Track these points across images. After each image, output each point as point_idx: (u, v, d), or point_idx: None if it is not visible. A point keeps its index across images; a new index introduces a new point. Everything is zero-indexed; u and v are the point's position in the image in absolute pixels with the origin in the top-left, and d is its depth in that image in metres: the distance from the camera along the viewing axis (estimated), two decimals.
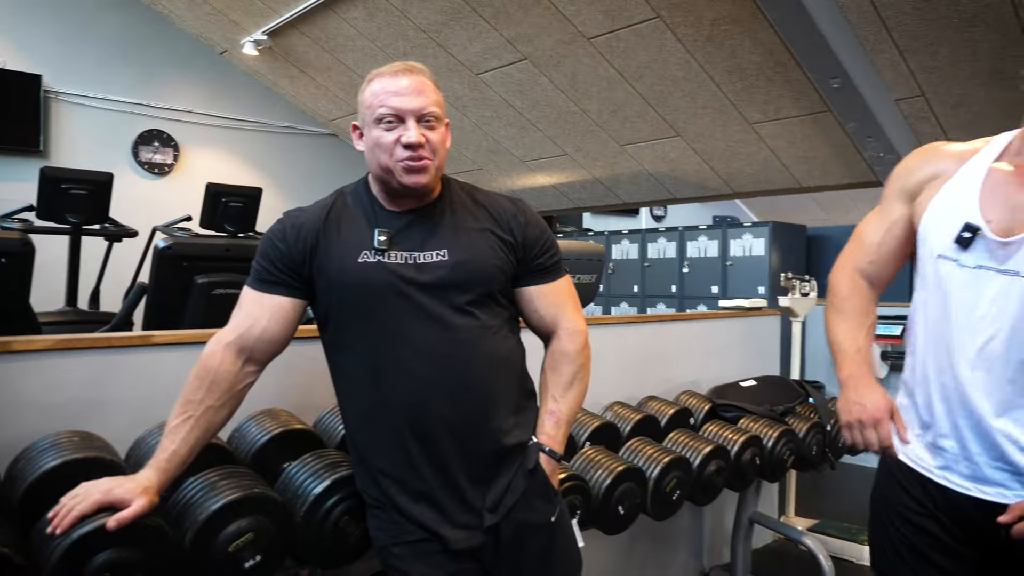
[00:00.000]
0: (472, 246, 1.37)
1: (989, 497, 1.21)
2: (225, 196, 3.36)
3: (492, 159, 6.58)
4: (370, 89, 1.34)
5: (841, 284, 1.44)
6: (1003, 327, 1.19)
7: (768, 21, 3.67)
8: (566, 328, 1.49)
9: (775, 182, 5.44)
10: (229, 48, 6.14)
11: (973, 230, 1.20)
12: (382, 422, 1.33)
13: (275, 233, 1.37)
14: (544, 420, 1.47)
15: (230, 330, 1.34)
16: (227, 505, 1.30)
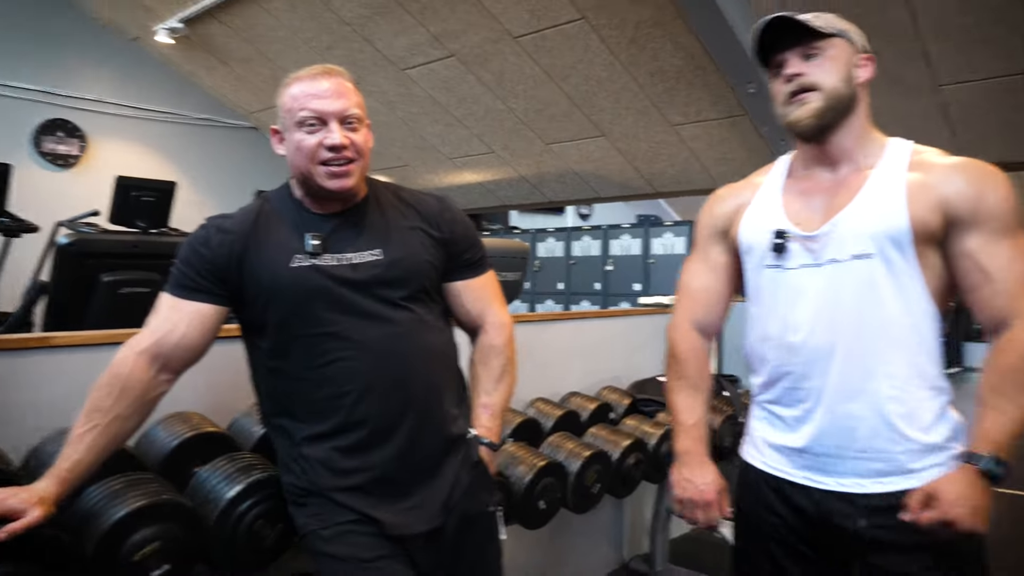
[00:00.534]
0: (405, 243, 1.38)
1: (846, 488, 1.25)
2: (136, 190, 3.21)
3: (419, 156, 6.54)
4: (289, 93, 1.32)
5: (680, 346, 1.48)
6: (837, 316, 1.25)
7: (689, 26, 3.77)
8: (493, 322, 1.52)
9: (695, 182, 5.59)
10: (141, 35, 5.90)
11: (782, 235, 1.30)
12: (325, 418, 1.32)
13: (198, 239, 1.33)
14: (480, 413, 1.49)
15: (145, 336, 1.29)
16: (132, 513, 1.25)
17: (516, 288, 3.17)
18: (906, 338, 1.23)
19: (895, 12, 3.40)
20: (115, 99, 6.08)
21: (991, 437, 1.15)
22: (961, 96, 3.81)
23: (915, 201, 1.21)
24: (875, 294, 1.23)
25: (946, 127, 4.01)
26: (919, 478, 1.21)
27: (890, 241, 1.21)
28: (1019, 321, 1.17)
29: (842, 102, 1.26)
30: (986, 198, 1.19)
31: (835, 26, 1.27)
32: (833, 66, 1.25)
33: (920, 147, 1.29)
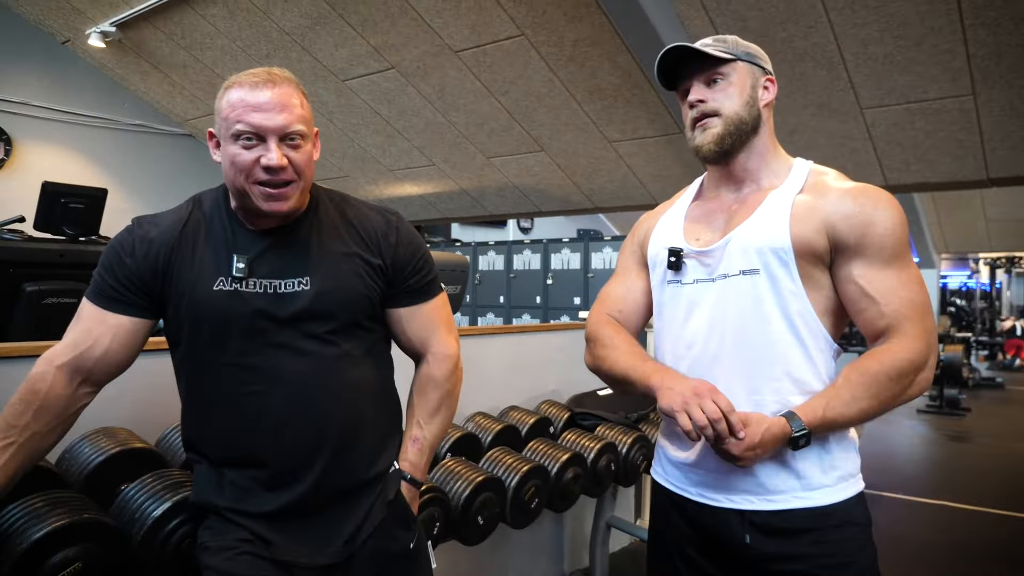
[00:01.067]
0: (336, 273, 1.29)
1: (736, 505, 1.27)
2: (64, 196, 3.10)
3: (359, 167, 6.49)
4: (227, 99, 1.20)
5: (602, 329, 1.45)
6: (725, 330, 1.27)
7: (625, 45, 3.85)
8: (435, 352, 1.44)
9: (633, 198, 5.70)
10: (72, 38, 5.71)
11: (676, 252, 1.35)
12: (238, 447, 1.26)
13: (122, 246, 1.25)
14: (408, 446, 1.43)
15: (65, 349, 1.21)
16: (52, 533, 1.20)
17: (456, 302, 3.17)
18: (790, 354, 1.24)
19: (819, 37, 3.55)
20: (43, 102, 5.87)
21: (816, 413, 1.19)
22: (883, 120, 3.99)
23: (799, 221, 1.24)
24: (760, 309, 1.25)
25: (873, 149, 4.19)
26: (809, 498, 1.23)
27: (774, 257, 1.24)
28: (896, 339, 1.20)
29: (744, 126, 1.29)
30: (875, 226, 1.21)
31: (737, 50, 1.30)
32: (735, 91, 1.29)
33: (821, 168, 1.33)
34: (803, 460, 1.24)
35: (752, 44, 1.35)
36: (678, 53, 1.29)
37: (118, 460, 1.52)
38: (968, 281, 15.10)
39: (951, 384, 7.97)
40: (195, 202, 1.32)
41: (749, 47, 1.33)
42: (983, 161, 4.07)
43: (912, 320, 1.20)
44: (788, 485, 1.24)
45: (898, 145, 4.14)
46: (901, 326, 1.20)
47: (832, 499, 1.23)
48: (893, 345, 1.20)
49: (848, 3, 3.34)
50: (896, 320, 1.20)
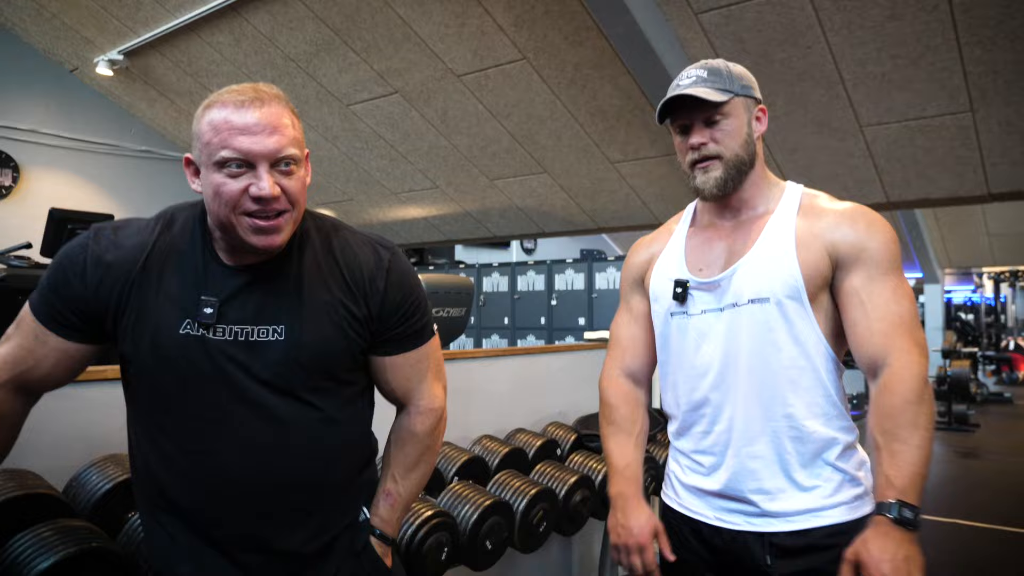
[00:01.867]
0: (316, 323, 1.13)
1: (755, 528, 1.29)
2: (71, 223, 3.12)
3: (363, 190, 6.54)
4: (208, 120, 1.04)
5: (608, 393, 1.54)
6: (739, 359, 1.30)
7: (626, 68, 3.89)
8: (417, 405, 1.31)
9: (636, 218, 5.72)
10: (81, 66, 5.79)
11: (682, 284, 1.37)
12: (187, 510, 1.13)
13: (73, 264, 1.09)
14: (380, 501, 1.29)
15: (4, 366, 1.10)
16: (60, 562, 1.21)
17: (461, 324, 3.18)
18: (803, 379, 1.28)
19: (818, 57, 3.59)
20: (51, 129, 5.94)
21: (894, 483, 1.14)
22: (883, 137, 4.02)
23: (804, 247, 1.28)
24: (772, 336, 1.28)
25: (873, 167, 4.22)
26: (826, 516, 1.25)
27: (783, 286, 1.27)
28: (895, 359, 1.21)
29: (743, 166, 1.32)
30: (869, 243, 1.26)
31: (733, 84, 1.31)
32: (734, 131, 1.30)
33: (811, 191, 1.37)
34: (819, 480, 1.27)
35: (740, 67, 1.36)
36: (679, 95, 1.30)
37: (126, 487, 1.52)
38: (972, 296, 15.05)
39: (959, 400, 7.91)
40: (165, 222, 1.15)
41: (742, 75, 1.34)
42: (983, 176, 4.09)
43: (903, 335, 1.22)
44: (806, 505, 1.26)
45: (898, 162, 4.16)
46: (895, 344, 1.22)
47: (850, 516, 1.25)
48: (896, 369, 1.20)
49: (845, 24, 3.37)
50: (890, 339, 1.22)
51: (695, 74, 1.32)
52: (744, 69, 1.36)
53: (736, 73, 1.33)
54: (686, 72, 1.35)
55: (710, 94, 1.28)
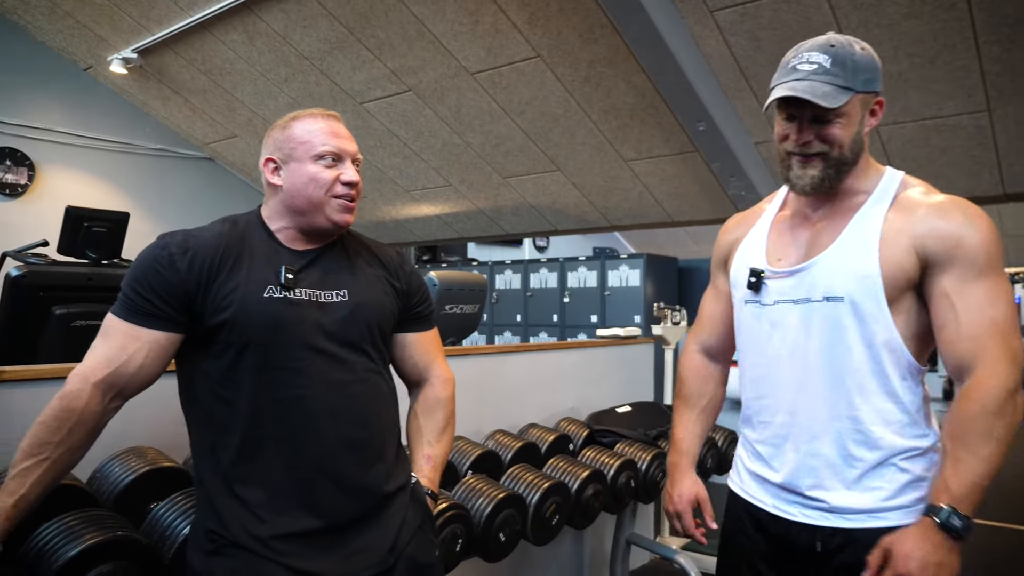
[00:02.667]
0: (370, 289, 1.40)
1: (811, 520, 1.30)
2: (88, 220, 3.16)
3: (376, 188, 6.56)
4: (302, 127, 1.35)
5: (682, 367, 1.62)
6: (808, 356, 1.29)
7: (640, 66, 3.89)
8: (439, 375, 1.55)
9: (649, 216, 5.71)
10: (95, 64, 5.83)
11: (757, 274, 1.35)
12: (273, 454, 1.26)
13: (160, 259, 1.25)
14: (422, 464, 1.49)
15: (99, 366, 1.22)
16: (87, 550, 1.23)
17: (475, 321, 3.19)
18: (872, 384, 1.24)
19: None
20: (66, 128, 5.98)
21: (951, 489, 1.13)
22: (898, 136, 4.00)
23: (888, 244, 1.21)
24: (842, 336, 1.24)
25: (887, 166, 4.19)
26: (883, 518, 1.24)
27: (860, 285, 1.22)
28: (982, 366, 1.15)
29: (845, 166, 1.26)
30: (964, 241, 1.18)
31: (856, 80, 1.21)
32: (844, 131, 1.22)
33: (910, 180, 1.30)
34: (882, 482, 1.25)
35: (866, 50, 1.24)
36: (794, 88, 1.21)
37: (148, 479, 1.54)
38: None
39: None
40: (230, 223, 1.37)
41: (867, 65, 1.23)
42: (999, 177, 4.06)
43: (994, 340, 1.16)
44: (864, 505, 1.25)
45: (914, 161, 4.14)
46: (986, 350, 1.16)
47: (907, 520, 1.21)
48: (981, 377, 1.16)
49: (862, 22, 3.36)
50: (980, 343, 1.16)
51: (817, 61, 1.21)
52: (870, 52, 1.25)
53: (862, 63, 1.22)
54: (808, 53, 1.23)
55: (828, 96, 1.19)
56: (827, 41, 1.23)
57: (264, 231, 1.36)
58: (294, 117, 1.37)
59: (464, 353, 2.70)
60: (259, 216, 1.39)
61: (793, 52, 1.26)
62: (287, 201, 1.35)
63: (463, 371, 2.64)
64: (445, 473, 2.16)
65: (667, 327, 3.77)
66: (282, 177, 1.34)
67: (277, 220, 1.37)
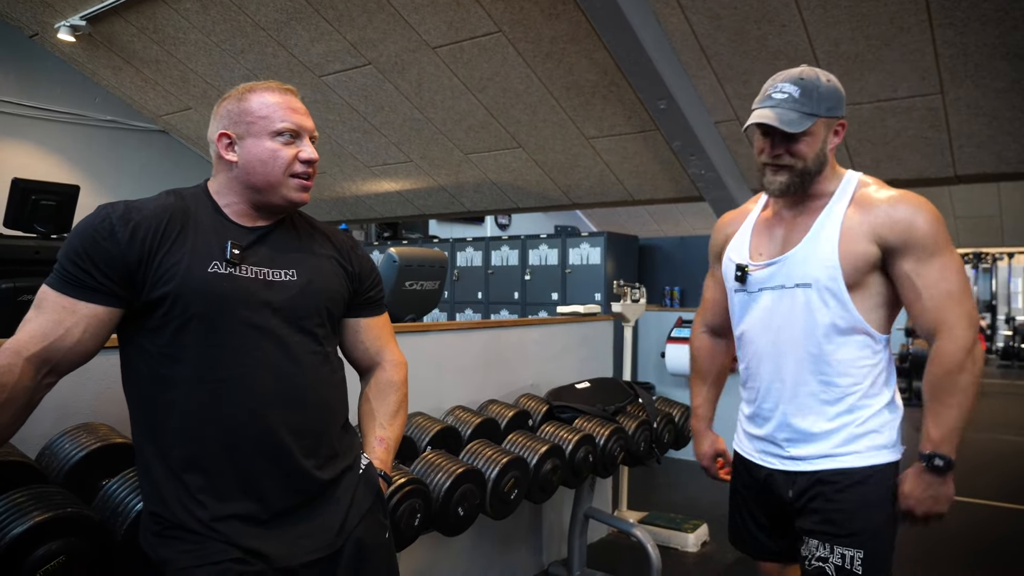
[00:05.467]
0: (319, 269, 1.36)
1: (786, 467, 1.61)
2: (36, 193, 3.06)
3: (336, 163, 6.47)
4: (259, 100, 1.30)
5: (693, 347, 1.95)
6: (782, 330, 1.58)
7: (602, 42, 3.88)
8: (391, 360, 1.55)
9: (610, 194, 5.74)
10: (41, 31, 5.62)
11: (742, 268, 1.64)
12: (212, 436, 1.23)
13: (99, 230, 1.19)
14: (375, 445, 1.49)
15: (32, 340, 1.15)
16: (34, 527, 1.20)
17: (435, 298, 3.18)
18: (837, 353, 1.52)
19: (793, 36, 3.61)
20: (11, 98, 5.77)
21: (932, 438, 1.46)
22: (855, 117, 4.06)
23: (847, 239, 1.48)
24: (812, 315, 1.53)
25: (844, 147, 4.27)
26: (838, 461, 1.53)
27: (823, 274, 1.50)
28: (942, 332, 1.44)
29: (809, 176, 1.52)
30: (915, 228, 1.45)
31: (819, 107, 1.47)
32: (809, 149, 1.49)
33: (866, 180, 1.56)
34: (838, 433, 1.54)
35: (833, 85, 1.51)
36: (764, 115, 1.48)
37: (99, 455, 1.51)
38: None
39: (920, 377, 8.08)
40: (175, 195, 1.31)
41: (832, 97, 1.49)
42: (951, 159, 4.16)
43: (950, 308, 1.44)
44: (822, 451, 1.54)
45: (868, 142, 4.22)
46: (944, 318, 1.44)
47: (860, 463, 1.52)
48: (942, 343, 1.44)
49: (821, 2, 3.40)
50: (939, 313, 1.44)
51: (788, 91, 1.48)
52: (835, 84, 1.52)
53: (826, 93, 1.49)
54: (780, 85, 1.50)
55: (794, 123, 1.46)
56: (799, 74, 1.51)
57: (211, 205, 1.32)
58: (249, 89, 1.32)
59: (424, 329, 2.69)
60: (206, 190, 1.34)
61: (771, 81, 1.54)
62: (241, 177, 1.30)
63: (423, 347, 2.64)
64: (404, 448, 2.17)
65: (627, 304, 3.81)
66: (237, 153, 1.30)
67: (227, 195, 1.33)
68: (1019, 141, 3.90)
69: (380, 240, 8.68)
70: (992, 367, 12.64)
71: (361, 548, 1.35)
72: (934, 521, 1.50)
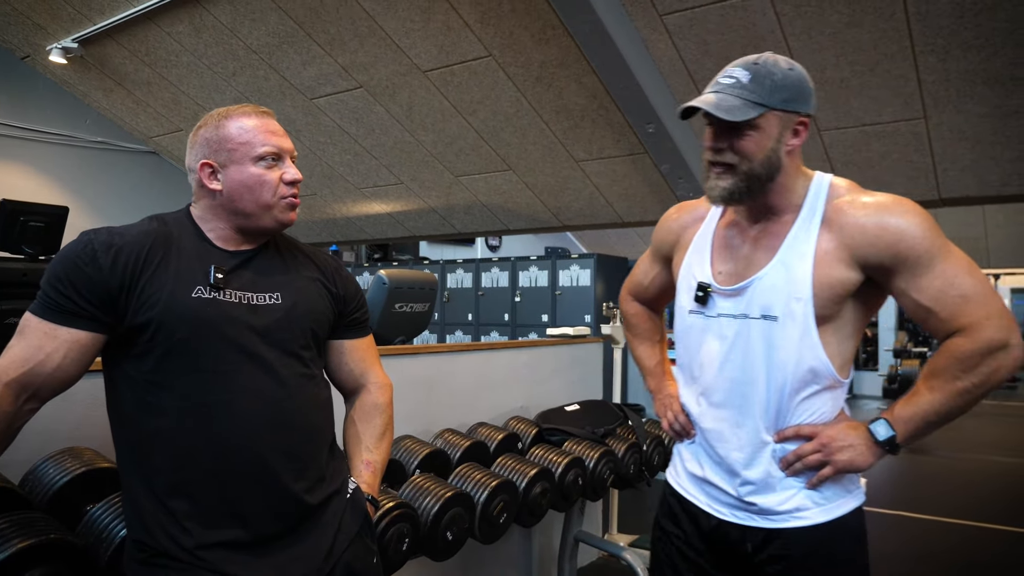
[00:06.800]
0: (304, 292, 1.36)
1: (738, 520, 1.38)
2: (24, 215, 3.06)
3: (327, 185, 6.48)
4: (237, 126, 1.28)
5: (628, 309, 1.76)
6: (742, 365, 1.34)
7: (591, 67, 3.93)
8: (376, 382, 1.53)
9: (600, 216, 5.77)
10: (32, 54, 5.64)
11: (704, 288, 1.39)
12: (199, 462, 1.21)
13: (81, 256, 1.18)
14: (361, 469, 1.47)
15: (12, 366, 1.15)
16: (17, 553, 1.19)
17: (425, 320, 3.19)
18: (796, 396, 1.31)
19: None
20: (2, 119, 5.77)
21: (894, 411, 1.27)
22: (840, 141, 4.12)
23: (822, 267, 1.25)
24: (773, 353, 1.30)
25: (830, 170, 4.31)
26: (803, 517, 1.32)
27: (793, 307, 1.27)
28: (959, 333, 1.20)
29: (759, 179, 1.27)
30: (903, 239, 1.21)
31: (772, 97, 1.23)
32: (756, 146, 1.24)
33: (837, 185, 1.32)
34: (795, 486, 1.33)
35: (797, 77, 1.27)
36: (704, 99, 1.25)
37: (84, 480, 1.50)
38: None
39: None
40: (158, 220, 1.31)
41: (791, 88, 1.25)
42: (935, 182, 4.22)
43: (969, 312, 1.20)
44: (785, 507, 1.33)
45: (854, 166, 4.27)
46: (964, 323, 1.20)
47: (825, 518, 1.31)
48: (957, 339, 1.21)
49: (805, 29, 3.45)
50: (958, 321, 1.20)
51: (736, 76, 1.25)
52: (800, 74, 1.28)
53: (783, 82, 1.25)
54: (731, 68, 1.28)
55: (734, 110, 1.22)
56: (755, 59, 1.27)
57: (194, 230, 1.31)
58: (225, 115, 1.30)
59: (414, 352, 2.69)
60: (188, 215, 1.33)
61: (724, 69, 1.31)
62: (227, 204, 1.29)
63: (412, 370, 2.63)
64: (393, 472, 2.16)
65: (616, 326, 3.82)
66: (221, 181, 1.28)
67: (211, 221, 1.32)
68: (1001, 165, 3.96)
69: (370, 262, 8.68)
70: None
71: (350, 573, 1.34)
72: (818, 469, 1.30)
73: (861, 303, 1.30)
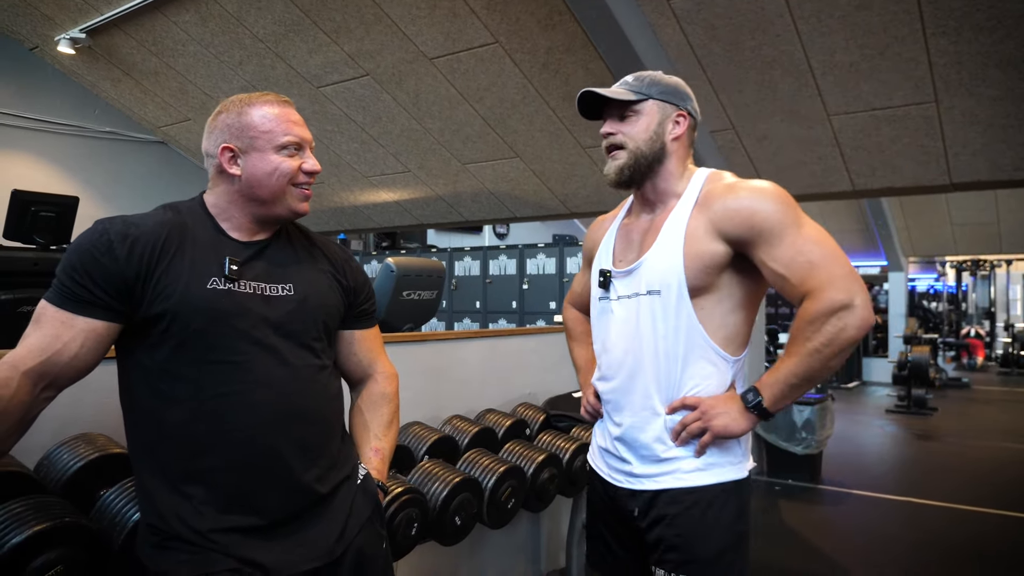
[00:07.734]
0: (316, 284, 1.37)
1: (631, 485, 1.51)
2: (35, 205, 3.08)
3: (334, 173, 6.49)
4: (260, 114, 1.29)
5: (568, 318, 1.93)
6: (633, 339, 1.49)
7: (598, 53, 3.91)
8: (383, 371, 1.56)
9: (607, 203, 5.75)
10: (41, 44, 5.65)
11: (605, 274, 1.57)
12: (213, 452, 1.22)
13: (97, 245, 1.19)
14: (370, 456, 1.49)
15: (30, 355, 1.15)
16: (32, 536, 1.21)
17: (432, 307, 3.19)
18: (681, 364, 1.44)
19: (787, 46, 3.64)
20: (11, 110, 5.79)
21: (762, 379, 1.39)
22: (850, 126, 4.09)
23: (692, 240, 1.42)
24: (658, 324, 1.45)
25: (840, 155, 4.30)
26: (684, 479, 1.44)
27: (670, 280, 1.43)
28: (807, 297, 1.32)
29: (646, 159, 1.47)
30: (756, 214, 1.37)
31: (650, 90, 1.47)
32: (641, 127, 1.47)
33: (717, 175, 1.49)
34: (679, 452, 1.45)
35: (675, 81, 1.51)
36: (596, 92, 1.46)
37: (97, 465, 1.52)
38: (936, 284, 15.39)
39: (918, 384, 8.13)
40: (172, 210, 1.31)
41: (667, 85, 1.49)
42: (946, 166, 4.19)
43: (815, 276, 1.32)
44: (667, 469, 1.46)
45: (864, 151, 4.24)
46: (810, 287, 1.32)
47: (704, 481, 1.44)
48: (806, 303, 1.33)
49: (815, 12, 3.42)
50: (806, 285, 1.33)
51: (626, 79, 1.51)
52: (678, 82, 1.51)
53: (662, 82, 1.49)
54: (627, 77, 1.52)
55: (619, 94, 1.46)
56: (640, 73, 1.52)
57: (208, 220, 1.31)
58: (247, 102, 1.31)
59: (422, 339, 2.70)
60: (202, 204, 1.34)
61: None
62: (245, 191, 1.30)
63: (421, 356, 2.64)
64: (401, 458, 2.18)
65: None
66: (240, 166, 1.29)
67: (227, 209, 1.32)
68: (1013, 149, 3.92)
69: (378, 250, 8.70)
70: (991, 374, 12.65)
71: (361, 558, 1.36)
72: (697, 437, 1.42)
73: (740, 277, 1.43)
